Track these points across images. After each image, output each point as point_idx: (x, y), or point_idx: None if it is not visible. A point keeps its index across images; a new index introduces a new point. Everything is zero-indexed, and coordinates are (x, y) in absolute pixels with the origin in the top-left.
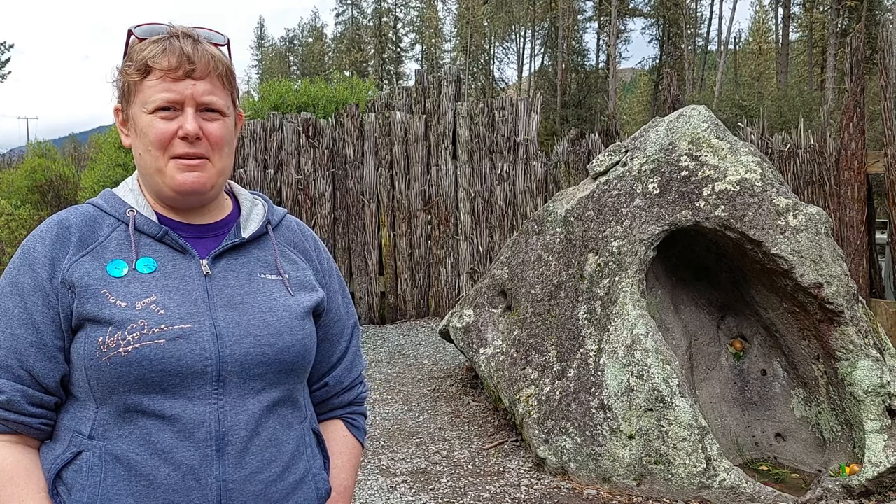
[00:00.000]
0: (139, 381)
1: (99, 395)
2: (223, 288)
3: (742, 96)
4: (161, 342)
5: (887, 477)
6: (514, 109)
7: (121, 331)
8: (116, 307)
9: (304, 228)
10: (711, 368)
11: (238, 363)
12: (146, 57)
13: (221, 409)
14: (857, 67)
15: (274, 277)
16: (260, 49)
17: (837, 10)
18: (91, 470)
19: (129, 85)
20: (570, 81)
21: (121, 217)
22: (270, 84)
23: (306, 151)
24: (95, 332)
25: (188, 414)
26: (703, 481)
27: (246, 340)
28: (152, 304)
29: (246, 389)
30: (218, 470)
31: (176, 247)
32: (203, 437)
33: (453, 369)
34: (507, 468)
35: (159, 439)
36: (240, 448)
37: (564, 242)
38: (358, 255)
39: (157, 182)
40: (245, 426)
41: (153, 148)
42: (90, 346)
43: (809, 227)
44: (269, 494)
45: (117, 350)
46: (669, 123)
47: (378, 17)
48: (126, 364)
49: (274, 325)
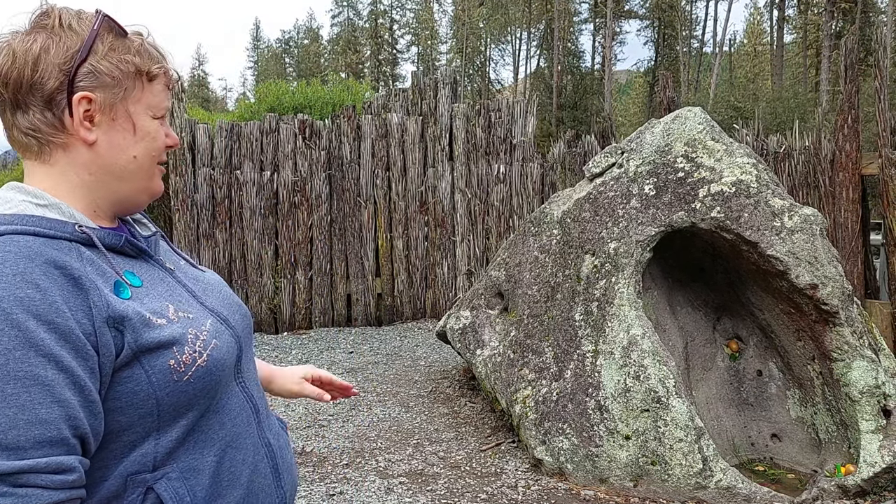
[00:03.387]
0: (217, 384)
1: (169, 420)
2: (184, 277)
3: (737, 98)
4: (215, 342)
5: (882, 477)
6: (510, 111)
7: (187, 345)
8: (164, 326)
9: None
10: (707, 369)
11: (243, 339)
12: (160, 60)
13: (244, 383)
14: (851, 69)
15: (183, 261)
16: (255, 51)
17: (832, 12)
18: (176, 495)
19: (134, 80)
20: (566, 83)
21: (73, 237)
22: (267, 86)
23: (303, 153)
24: (161, 359)
25: (232, 400)
26: (699, 482)
27: (237, 317)
28: (178, 312)
29: (248, 360)
30: (265, 437)
31: (134, 252)
32: (248, 413)
33: (450, 371)
34: (504, 469)
35: (225, 433)
36: (265, 413)
37: (561, 244)
38: (354, 257)
39: (138, 188)
40: (257, 390)
41: (156, 155)
42: (161, 374)
43: (805, 228)
44: (281, 443)
45: (195, 364)
46: (665, 125)
47: (374, 19)
48: (208, 374)
49: (232, 297)
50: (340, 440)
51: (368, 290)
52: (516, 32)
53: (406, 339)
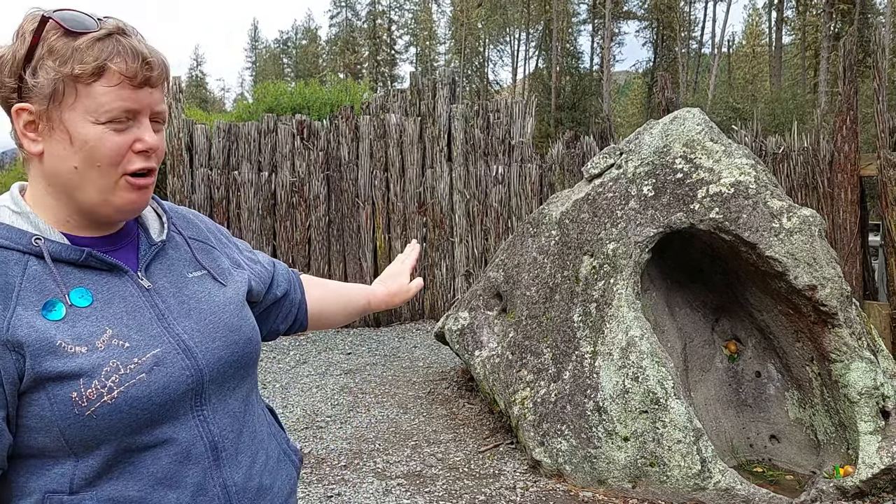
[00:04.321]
0: (132, 422)
1: (80, 449)
2: (166, 298)
3: (736, 99)
4: (142, 377)
5: (881, 478)
6: (508, 112)
7: (96, 379)
8: (79, 355)
9: (196, 214)
10: (706, 370)
11: (215, 371)
12: (100, 57)
13: (206, 419)
14: (849, 70)
15: (200, 274)
16: (254, 51)
17: (830, 13)
18: None
19: (65, 86)
20: (565, 84)
21: (27, 249)
22: (265, 86)
23: (301, 154)
24: (65, 389)
25: (179, 434)
26: (698, 483)
27: (214, 346)
28: (112, 339)
29: (223, 392)
30: (220, 478)
31: (103, 267)
32: (200, 451)
33: (448, 372)
34: (502, 471)
35: (158, 469)
36: (232, 451)
37: (559, 245)
38: (353, 258)
39: (95, 200)
40: (231, 428)
41: (106, 164)
42: (62, 405)
43: (803, 229)
44: (263, 485)
45: (101, 400)
46: (664, 126)
47: (372, 20)
48: (115, 411)
49: (229, 321)
50: (338, 441)
51: None
52: (515, 33)
53: (404, 340)
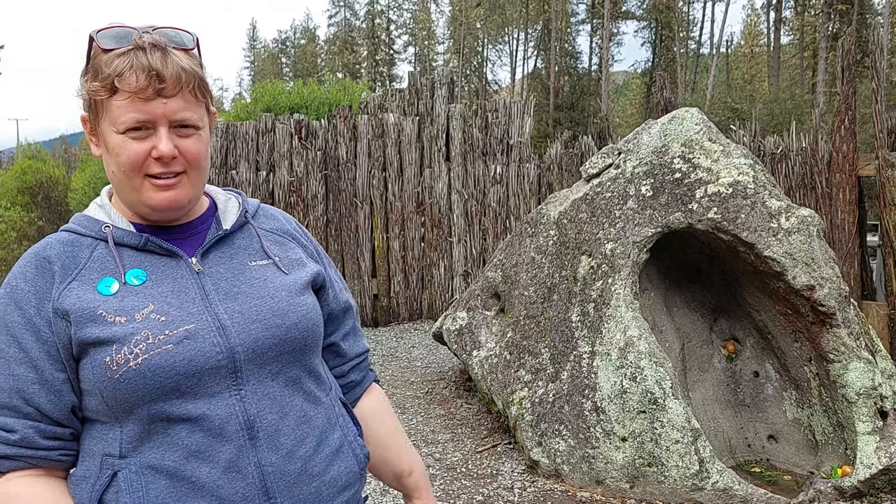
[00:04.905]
0: (157, 390)
1: (120, 413)
2: (218, 282)
3: (734, 99)
4: (169, 347)
5: (879, 478)
6: (507, 112)
7: (126, 346)
8: (117, 324)
9: (284, 214)
10: (704, 370)
11: (250, 350)
12: (112, 74)
13: (244, 398)
14: (848, 71)
15: (265, 262)
16: (252, 50)
17: (828, 13)
18: (131, 487)
19: (96, 101)
20: (563, 84)
21: (98, 235)
22: (263, 85)
23: (299, 153)
24: (101, 354)
25: (214, 411)
26: (696, 483)
27: (253, 327)
28: (151, 313)
29: (264, 374)
30: (255, 457)
31: (161, 252)
32: (234, 429)
33: (446, 372)
34: (500, 471)
35: (192, 442)
36: (271, 431)
37: (558, 245)
38: (351, 258)
39: (133, 200)
40: (271, 409)
41: (127, 169)
42: (99, 368)
43: (801, 229)
44: (309, 470)
45: (127, 366)
46: (662, 126)
47: (371, 19)
48: (140, 377)
49: (276, 305)
50: None
51: (365, 291)
52: (513, 33)
53: (402, 340)
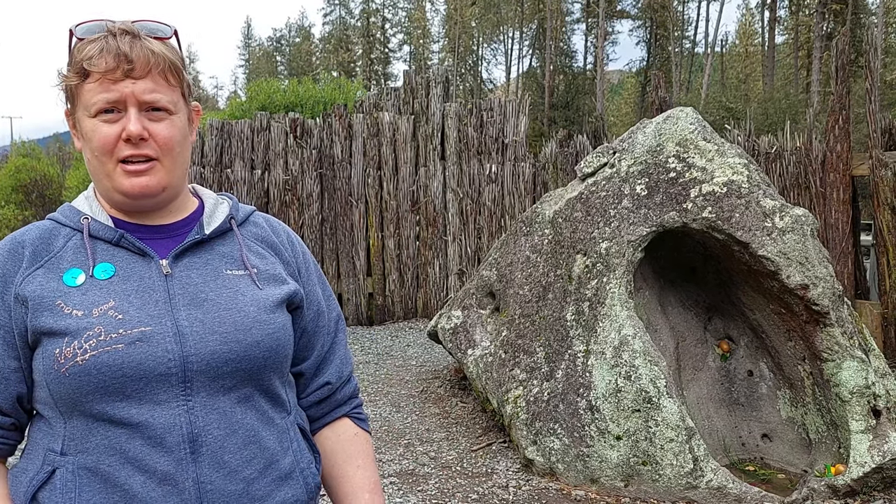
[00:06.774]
0: (100, 389)
1: (64, 408)
2: (185, 286)
3: (729, 98)
4: (119, 347)
5: (872, 477)
6: (502, 111)
7: (77, 340)
8: (72, 317)
9: (276, 224)
10: (698, 369)
11: (204, 362)
12: (83, 59)
13: (191, 410)
14: (842, 70)
15: (241, 273)
16: (247, 49)
17: (823, 13)
18: (65, 486)
19: (72, 89)
20: (558, 83)
21: (76, 226)
22: (258, 84)
23: (294, 152)
24: (52, 345)
25: (157, 419)
26: (690, 482)
27: (212, 339)
28: (110, 309)
29: (215, 388)
30: (195, 473)
31: (134, 249)
32: (175, 441)
33: (441, 370)
34: (495, 469)
35: (130, 448)
36: (215, 448)
37: (552, 244)
38: (346, 256)
39: (107, 186)
40: (219, 425)
41: (99, 153)
42: (48, 360)
43: (795, 228)
44: (251, 492)
45: (74, 360)
46: (657, 125)
47: (366, 18)
48: (84, 373)
49: (241, 320)
50: None
51: (359, 290)
52: (508, 32)
53: (397, 338)
